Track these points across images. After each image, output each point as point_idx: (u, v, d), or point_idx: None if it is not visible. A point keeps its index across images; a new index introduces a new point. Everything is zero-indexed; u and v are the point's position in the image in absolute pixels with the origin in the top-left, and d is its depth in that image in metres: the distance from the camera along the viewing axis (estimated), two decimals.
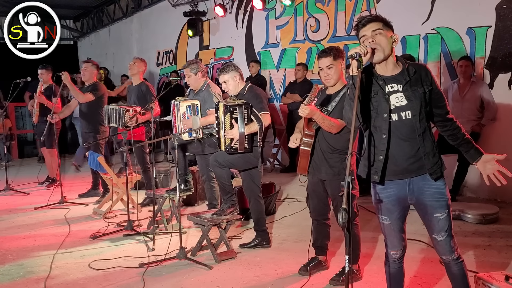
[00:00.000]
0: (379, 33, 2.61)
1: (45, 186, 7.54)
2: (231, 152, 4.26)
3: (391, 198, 2.71)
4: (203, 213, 4.66)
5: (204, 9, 10.31)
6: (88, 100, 6.33)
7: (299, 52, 8.66)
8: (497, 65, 6.06)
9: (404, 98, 2.61)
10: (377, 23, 2.64)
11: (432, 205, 2.67)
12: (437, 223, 2.68)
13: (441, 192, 2.66)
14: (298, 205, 6.05)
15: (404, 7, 6.90)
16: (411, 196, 2.69)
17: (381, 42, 2.59)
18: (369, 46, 2.56)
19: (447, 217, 2.67)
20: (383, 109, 2.64)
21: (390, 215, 2.74)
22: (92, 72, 6.48)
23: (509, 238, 4.67)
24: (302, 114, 3.47)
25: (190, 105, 4.84)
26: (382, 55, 2.60)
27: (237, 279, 3.87)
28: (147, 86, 6.10)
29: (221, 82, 4.49)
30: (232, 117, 4.17)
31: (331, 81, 3.62)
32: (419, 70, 2.67)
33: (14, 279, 3.99)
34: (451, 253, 2.73)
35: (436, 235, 2.71)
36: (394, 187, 2.69)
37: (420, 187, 2.67)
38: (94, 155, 5.84)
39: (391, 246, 2.83)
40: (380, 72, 2.68)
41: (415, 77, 2.65)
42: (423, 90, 2.63)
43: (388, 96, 2.63)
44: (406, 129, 2.62)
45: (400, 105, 2.62)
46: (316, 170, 3.74)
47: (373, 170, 2.71)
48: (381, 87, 2.66)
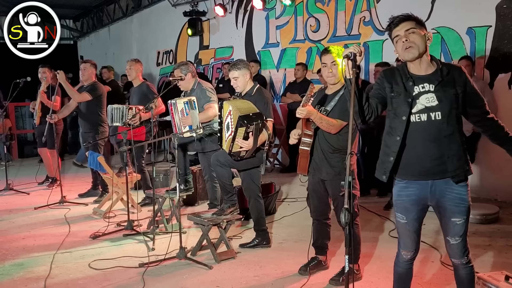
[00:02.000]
0: (413, 32, 2.59)
1: (46, 186, 7.54)
2: (237, 160, 4.25)
3: (411, 198, 2.69)
4: (203, 213, 4.66)
5: (204, 9, 10.31)
6: (84, 99, 6.32)
7: (299, 52, 8.66)
8: (497, 65, 6.06)
9: (435, 98, 2.58)
10: (409, 22, 2.63)
11: (451, 209, 2.65)
12: (453, 228, 2.67)
13: (462, 197, 2.65)
14: (298, 205, 6.05)
15: (404, 7, 6.82)
16: (431, 198, 2.67)
17: (415, 40, 2.57)
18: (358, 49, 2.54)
19: (464, 223, 2.67)
20: (402, 112, 2.62)
21: (407, 214, 2.72)
22: (91, 72, 6.47)
23: (509, 238, 4.67)
24: (299, 116, 3.47)
25: (187, 101, 4.84)
26: (417, 52, 2.58)
27: (237, 279, 3.87)
28: (147, 85, 6.12)
29: (231, 77, 4.46)
30: (247, 131, 4.11)
31: (333, 78, 3.60)
32: (452, 70, 2.64)
33: (14, 278, 3.99)
34: (461, 257, 2.73)
35: (450, 238, 2.70)
36: (416, 187, 2.67)
37: (442, 190, 2.64)
38: (94, 155, 5.85)
39: (403, 246, 2.81)
40: (413, 71, 2.66)
41: (448, 77, 2.61)
42: (455, 91, 2.59)
43: (414, 99, 2.60)
44: (434, 130, 2.59)
45: (431, 106, 2.59)
46: (316, 170, 3.73)
47: (382, 170, 2.72)
48: (406, 89, 2.63)
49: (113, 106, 5.82)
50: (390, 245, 4.52)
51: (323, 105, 3.67)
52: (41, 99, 6.96)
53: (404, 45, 2.59)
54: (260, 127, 4.15)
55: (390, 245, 4.53)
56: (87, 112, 6.43)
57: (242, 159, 4.25)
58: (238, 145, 4.17)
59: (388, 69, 2.81)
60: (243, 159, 4.26)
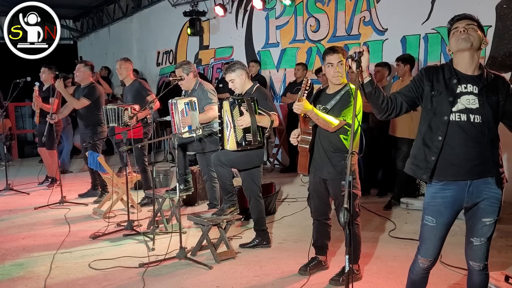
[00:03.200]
0: (472, 27, 2.59)
1: (46, 186, 7.54)
2: (245, 146, 4.16)
3: (447, 200, 2.63)
4: (203, 213, 4.66)
5: (204, 9, 10.31)
6: (83, 105, 6.35)
7: (299, 52, 8.66)
8: (497, 65, 6.06)
9: (476, 101, 2.55)
10: (472, 21, 2.63)
11: (485, 209, 2.63)
12: (482, 228, 2.65)
13: (497, 197, 2.63)
14: (298, 205, 6.05)
15: (404, 7, 6.90)
16: (468, 199, 2.63)
17: (473, 33, 2.57)
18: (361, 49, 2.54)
19: (493, 223, 2.66)
20: (444, 111, 2.58)
21: (439, 217, 2.65)
22: (85, 72, 6.44)
23: (509, 238, 4.67)
24: (296, 111, 3.47)
25: (188, 102, 4.84)
26: (470, 43, 2.55)
27: (237, 279, 3.87)
28: (139, 82, 6.13)
29: (228, 81, 4.47)
30: (240, 109, 4.13)
31: (340, 78, 3.59)
32: (496, 78, 2.63)
33: (14, 278, 3.99)
34: (482, 260, 2.68)
35: (475, 239, 2.67)
36: (454, 188, 2.62)
37: (480, 190, 2.61)
38: (94, 155, 5.84)
39: (423, 253, 2.72)
40: (460, 69, 2.63)
41: (492, 84, 2.60)
42: (497, 98, 2.57)
43: (456, 98, 2.57)
44: (475, 131, 2.55)
45: (471, 108, 2.55)
46: (318, 170, 3.73)
47: (423, 170, 2.65)
48: (448, 88, 2.59)
49: (107, 106, 5.81)
50: (390, 245, 4.53)
51: (324, 104, 3.66)
52: (36, 102, 6.96)
53: (461, 34, 2.56)
54: (252, 104, 4.16)
55: (390, 245, 4.54)
56: (85, 113, 6.43)
57: (250, 144, 4.15)
58: (239, 128, 4.14)
59: (431, 66, 2.77)
60: (251, 145, 4.17)
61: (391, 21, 7.11)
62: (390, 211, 5.68)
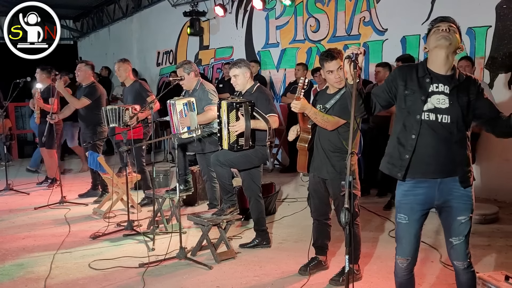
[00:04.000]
0: (453, 30, 2.62)
1: (46, 186, 7.53)
2: (237, 150, 4.22)
3: (419, 197, 2.68)
4: (203, 213, 4.66)
5: (204, 9, 10.31)
6: (84, 105, 6.35)
7: (299, 52, 8.66)
8: (497, 65, 6.06)
9: (447, 101, 2.58)
10: (454, 24, 2.66)
11: (458, 207, 2.65)
12: (458, 227, 2.67)
13: (468, 195, 2.66)
14: (298, 205, 6.05)
15: (404, 7, 6.90)
16: (439, 197, 2.66)
17: (453, 34, 2.59)
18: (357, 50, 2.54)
19: (468, 221, 2.67)
20: (417, 110, 2.61)
21: (411, 214, 2.68)
22: (87, 72, 6.45)
23: (509, 238, 4.67)
24: (294, 110, 3.47)
25: (186, 103, 4.83)
26: (449, 42, 2.58)
27: (237, 279, 3.87)
28: (140, 83, 6.13)
29: (231, 75, 4.47)
30: (237, 114, 4.15)
31: (342, 82, 3.57)
32: (468, 79, 2.66)
33: (14, 279, 3.99)
34: (464, 259, 2.71)
35: (454, 239, 2.69)
36: (425, 186, 2.66)
37: (450, 188, 2.64)
38: (94, 155, 5.84)
39: (400, 251, 2.75)
40: (433, 68, 2.65)
41: (463, 84, 2.62)
42: (467, 99, 2.60)
43: (427, 97, 2.60)
44: (444, 131, 2.59)
45: (440, 108, 2.58)
46: (317, 169, 3.73)
47: (398, 168, 2.69)
48: (421, 86, 2.62)
49: (107, 107, 5.81)
50: (390, 245, 4.53)
51: (323, 103, 3.67)
52: (37, 103, 6.96)
53: (443, 32, 2.59)
54: (249, 109, 4.16)
55: (390, 245, 4.53)
56: (85, 112, 6.43)
57: (241, 148, 4.22)
58: (233, 132, 4.17)
59: (405, 66, 2.81)
60: (243, 149, 4.23)
61: (391, 21, 7.11)
62: (390, 211, 5.68)
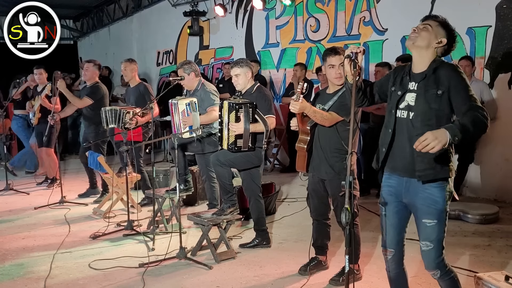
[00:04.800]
0: (425, 28, 2.60)
1: (46, 186, 7.53)
2: (235, 150, 4.23)
3: (390, 189, 2.75)
4: (203, 213, 4.66)
5: (204, 9, 10.31)
6: (85, 104, 6.35)
7: (299, 52, 8.66)
8: (497, 65, 6.06)
9: (414, 97, 2.60)
10: (432, 20, 2.64)
11: (422, 209, 2.61)
12: (424, 229, 2.61)
13: (434, 199, 2.57)
14: (298, 205, 6.04)
15: (404, 7, 6.90)
16: (405, 195, 2.69)
17: (420, 32, 2.58)
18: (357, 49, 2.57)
19: (435, 226, 2.57)
20: (393, 105, 2.68)
21: (387, 206, 2.77)
22: (94, 72, 6.46)
23: (509, 238, 4.67)
24: (293, 110, 3.48)
25: (189, 103, 4.83)
26: (411, 42, 2.59)
27: (237, 279, 3.87)
28: (145, 86, 6.12)
29: (233, 74, 4.47)
30: (237, 114, 4.15)
31: (342, 79, 3.58)
32: (441, 69, 2.56)
33: (14, 279, 3.99)
34: (433, 268, 2.63)
35: (422, 243, 2.65)
36: (395, 180, 2.72)
37: (415, 188, 2.62)
38: (94, 155, 5.84)
39: (383, 243, 2.83)
40: (412, 68, 2.68)
41: (433, 76, 2.56)
42: (435, 91, 2.53)
43: (403, 94, 2.64)
44: (409, 128, 2.61)
45: (411, 105, 2.61)
46: (316, 169, 3.73)
47: (376, 159, 2.80)
48: (402, 84, 2.67)
49: (106, 108, 5.80)
50: None
51: (323, 104, 3.67)
52: (42, 103, 6.95)
53: (411, 33, 2.61)
54: (249, 111, 4.16)
55: None
56: (88, 112, 6.43)
57: (240, 150, 4.23)
58: (232, 133, 4.18)
59: (400, 65, 2.86)
60: (241, 151, 4.24)
61: (391, 21, 7.11)
62: None
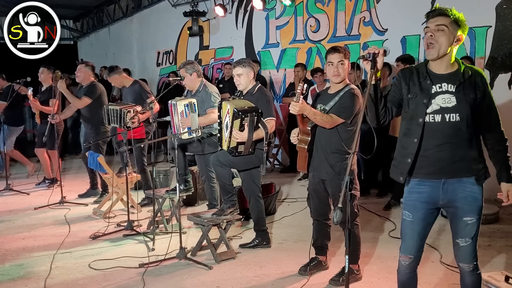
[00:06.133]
0: (441, 29, 2.53)
1: (46, 186, 7.52)
2: (235, 155, 4.23)
3: (422, 195, 2.67)
4: (203, 213, 4.66)
5: (204, 9, 10.31)
6: (85, 104, 6.35)
7: (299, 52, 8.66)
8: (497, 65, 6.06)
9: (453, 99, 2.54)
10: (445, 18, 2.55)
11: (463, 208, 2.61)
12: (464, 228, 2.63)
13: (475, 196, 2.61)
14: (298, 205, 6.04)
15: (404, 7, 6.90)
16: (443, 197, 2.63)
17: (439, 39, 2.52)
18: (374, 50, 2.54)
19: (475, 222, 2.62)
20: (419, 114, 2.59)
21: (415, 212, 2.69)
22: (86, 73, 6.46)
23: (509, 238, 4.67)
24: (293, 112, 3.47)
25: (188, 104, 4.82)
26: (436, 53, 2.53)
27: (237, 279, 3.87)
28: (139, 84, 6.14)
29: (235, 74, 4.47)
30: (242, 123, 4.11)
31: (338, 77, 3.59)
32: (474, 74, 2.58)
33: (14, 279, 3.99)
34: (470, 261, 2.67)
35: (460, 240, 2.66)
36: (429, 185, 2.64)
37: (454, 188, 2.61)
38: (94, 155, 5.84)
39: (403, 249, 2.75)
40: (433, 69, 2.62)
41: (469, 80, 2.56)
42: (475, 95, 2.54)
43: (430, 99, 2.56)
44: (450, 131, 2.54)
45: (447, 107, 2.54)
46: (316, 170, 3.73)
47: (399, 171, 2.70)
48: (423, 89, 2.59)
49: (109, 106, 5.81)
50: (390, 245, 4.53)
51: (324, 104, 3.67)
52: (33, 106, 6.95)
53: (427, 40, 2.54)
54: (254, 119, 4.14)
55: (390, 245, 4.53)
56: (87, 113, 6.44)
57: (240, 155, 4.23)
58: (235, 139, 4.16)
59: (407, 68, 2.77)
60: (241, 155, 4.24)
61: (391, 21, 7.10)
62: (390, 211, 5.68)
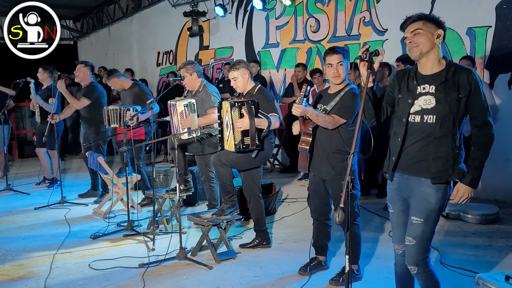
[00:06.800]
0: (418, 33, 2.58)
1: (46, 186, 7.53)
2: (242, 149, 4.15)
3: (394, 187, 2.79)
4: (203, 213, 4.66)
5: (204, 9, 10.32)
6: (84, 105, 6.35)
7: (299, 52, 8.66)
8: (497, 65, 6.06)
9: (433, 101, 2.56)
10: (417, 23, 2.61)
11: (413, 206, 2.68)
12: (410, 226, 2.69)
13: (426, 198, 2.63)
14: (298, 205, 6.04)
15: (404, 7, 6.89)
16: (404, 191, 2.74)
17: (418, 40, 2.57)
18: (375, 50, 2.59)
19: (420, 224, 2.63)
20: (404, 113, 2.66)
21: (393, 204, 2.82)
22: (85, 73, 6.46)
23: (509, 238, 4.67)
24: (295, 113, 3.47)
25: (187, 104, 4.82)
26: (419, 51, 2.58)
27: (237, 279, 3.87)
28: (139, 86, 6.14)
29: (231, 78, 4.46)
30: (240, 111, 4.11)
31: (339, 78, 3.59)
32: (460, 72, 2.57)
33: (14, 279, 3.99)
34: (412, 263, 2.70)
35: (406, 238, 2.71)
36: (399, 178, 2.75)
37: (412, 186, 2.68)
38: (94, 155, 5.84)
39: (394, 239, 2.88)
40: (420, 70, 2.66)
41: (452, 79, 2.55)
42: (456, 95, 2.53)
43: (414, 99, 2.61)
44: (423, 132, 2.60)
45: (426, 108, 2.58)
46: (317, 170, 3.74)
47: (385, 168, 2.81)
48: (410, 90, 2.64)
49: (109, 107, 5.81)
50: (390, 245, 4.48)
51: (324, 104, 3.67)
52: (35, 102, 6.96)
53: (409, 45, 2.61)
54: (252, 108, 4.13)
55: (390, 245, 4.50)
56: (87, 113, 6.44)
57: (248, 148, 4.15)
58: (238, 130, 4.12)
59: (402, 70, 2.83)
60: (249, 149, 4.17)
61: (391, 21, 7.10)
62: None
